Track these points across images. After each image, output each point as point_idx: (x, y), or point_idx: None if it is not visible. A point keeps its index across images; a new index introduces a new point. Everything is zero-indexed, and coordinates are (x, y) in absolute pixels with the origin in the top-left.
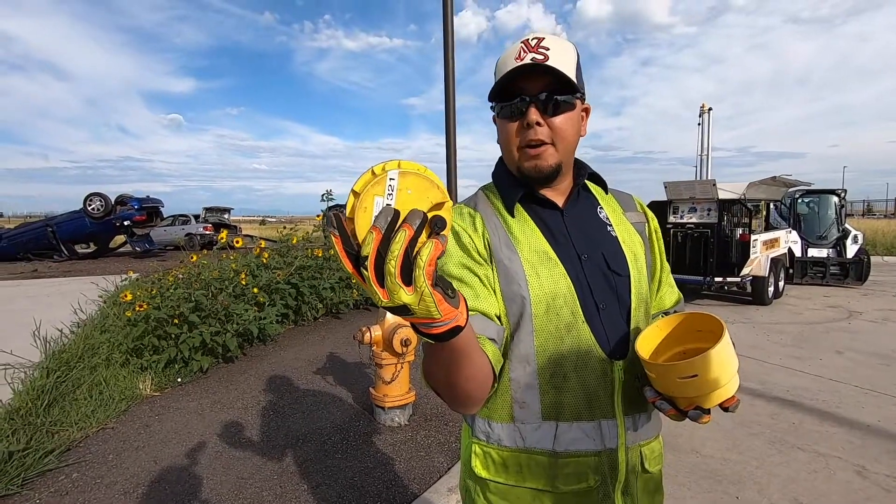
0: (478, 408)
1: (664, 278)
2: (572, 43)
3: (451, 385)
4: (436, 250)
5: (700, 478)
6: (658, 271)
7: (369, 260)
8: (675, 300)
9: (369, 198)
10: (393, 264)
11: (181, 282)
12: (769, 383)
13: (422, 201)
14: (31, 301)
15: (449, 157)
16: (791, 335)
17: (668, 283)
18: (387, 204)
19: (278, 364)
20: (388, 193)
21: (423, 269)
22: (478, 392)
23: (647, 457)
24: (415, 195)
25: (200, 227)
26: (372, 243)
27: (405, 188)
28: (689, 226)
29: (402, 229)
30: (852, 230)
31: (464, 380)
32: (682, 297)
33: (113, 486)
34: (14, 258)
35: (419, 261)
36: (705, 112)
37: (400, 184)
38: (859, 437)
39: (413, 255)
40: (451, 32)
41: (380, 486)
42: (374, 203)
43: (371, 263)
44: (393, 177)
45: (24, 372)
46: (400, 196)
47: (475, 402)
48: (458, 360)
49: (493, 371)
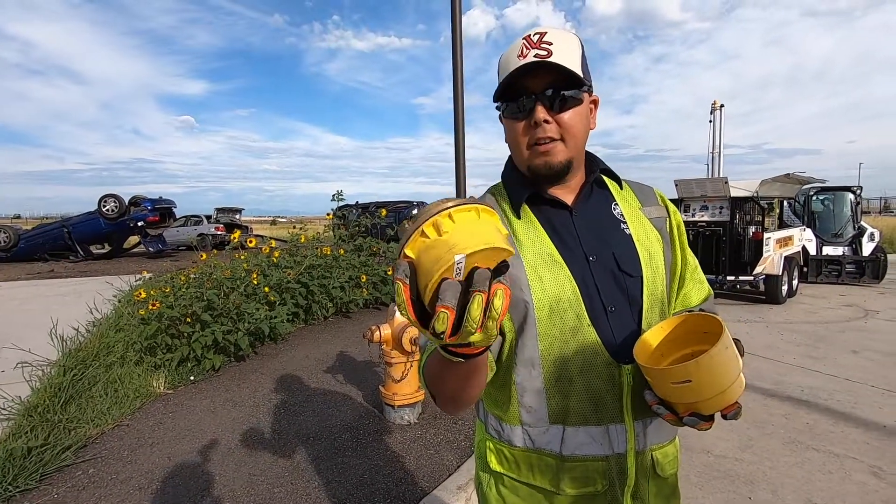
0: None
1: (689, 275)
2: (576, 35)
3: (458, 391)
4: (507, 300)
5: (713, 478)
6: (680, 268)
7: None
8: (704, 297)
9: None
10: (473, 327)
11: (193, 281)
12: (783, 383)
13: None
14: (48, 300)
15: (458, 157)
16: (806, 334)
17: (695, 279)
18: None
19: (289, 363)
20: (457, 274)
21: (498, 319)
22: (475, 398)
23: (660, 461)
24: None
25: (212, 228)
26: (447, 321)
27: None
28: (700, 224)
29: (477, 295)
30: (868, 228)
31: (470, 388)
32: (711, 294)
33: (128, 481)
34: (31, 259)
35: (493, 313)
36: (717, 109)
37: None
38: (876, 437)
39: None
40: (459, 31)
41: (389, 484)
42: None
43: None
44: (460, 261)
45: (41, 370)
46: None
47: (470, 405)
48: (475, 373)
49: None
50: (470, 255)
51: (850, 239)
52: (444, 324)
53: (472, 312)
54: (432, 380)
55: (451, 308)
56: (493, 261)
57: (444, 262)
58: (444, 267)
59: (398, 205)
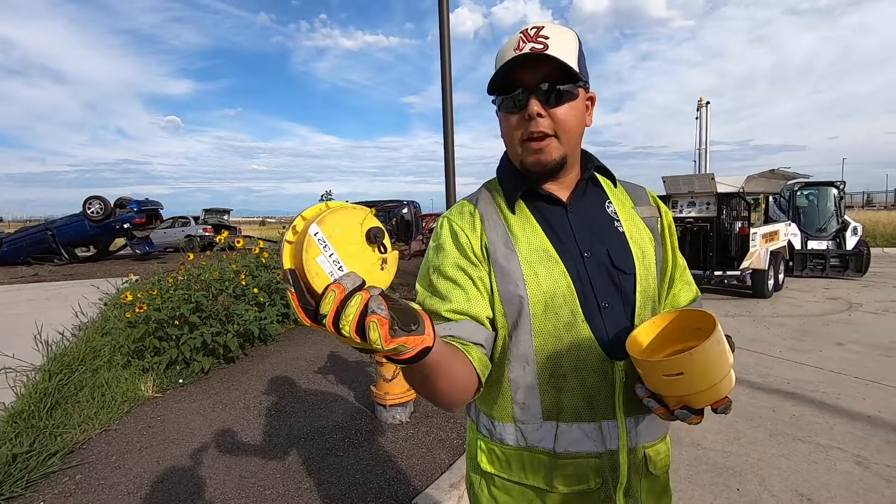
0: (460, 408)
1: (678, 275)
2: (574, 31)
3: (431, 393)
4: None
5: (701, 470)
6: (670, 268)
7: (327, 319)
8: (692, 298)
9: (312, 264)
10: (347, 329)
11: (181, 283)
12: (770, 376)
13: (352, 229)
14: (33, 305)
15: (447, 155)
16: (791, 328)
17: (684, 280)
18: (332, 258)
19: (279, 364)
20: (324, 247)
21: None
22: (458, 396)
23: (652, 459)
24: (343, 230)
25: (200, 229)
26: (333, 302)
27: (332, 231)
28: (688, 220)
29: (358, 295)
30: (852, 222)
31: (441, 388)
32: (699, 295)
33: (116, 486)
34: (15, 262)
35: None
36: (703, 106)
37: (325, 231)
38: (860, 428)
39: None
40: (447, 30)
41: (382, 483)
42: (319, 265)
43: (329, 322)
44: (315, 231)
45: (26, 375)
46: (333, 241)
47: (456, 404)
48: (433, 374)
49: (477, 377)
50: (322, 223)
51: (834, 233)
52: (329, 304)
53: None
54: (411, 385)
55: (340, 285)
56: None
57: (306, 244)
58: (310, 248)
59: (388, 204)
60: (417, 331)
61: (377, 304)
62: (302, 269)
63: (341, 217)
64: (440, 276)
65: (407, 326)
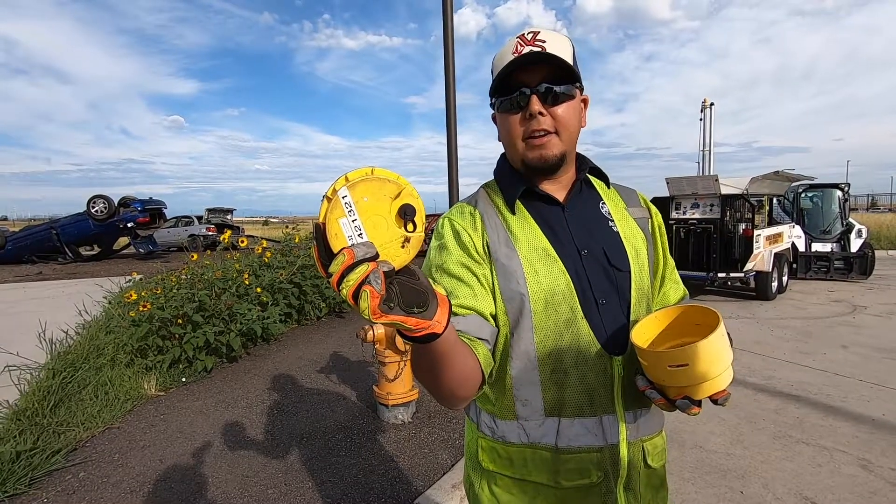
0: (463, 405)
1: (668, 274)
2: (568, 37)
3: (435, 383)
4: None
5: (705, 473)
6: (661, 267)
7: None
8: (680, 296)
9: (334, 224)
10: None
11: (184, 282)
12: (774, 378)
13: (381, 201)
14: (37, 303)
15: (450, 156)
16: (795, 330)
17: (673, 279)
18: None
19: (282, 363)
20: (349, 211)
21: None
22: (462, 391)
23: (650, 452)
24: (372, 199)
25: (203, 229)
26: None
27: (360, 198)
28: (691, 221)
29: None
30: (856, 224)
31: (447, 379)
32: (687, 294)
33: (119, 484)
34: (19, 261)
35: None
36: (707, 107)
37: (354, 197)
38: (865, 431)
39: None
40: (450, 30)
41: (384, 483)
42: (340, 227)
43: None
44: (345, 195)
45: (30, 373)
46: (360, 207)
47: (459, 400)
48: (440, 362)
49: (481, 373)
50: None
51: (839, 235)
52: (336, 266)
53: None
54: (416, 372)
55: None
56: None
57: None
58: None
59: None
60: (422, 314)
61: (375, 277)
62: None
63: (374, 187)
64: (444, 274)
65: (409, 307)
